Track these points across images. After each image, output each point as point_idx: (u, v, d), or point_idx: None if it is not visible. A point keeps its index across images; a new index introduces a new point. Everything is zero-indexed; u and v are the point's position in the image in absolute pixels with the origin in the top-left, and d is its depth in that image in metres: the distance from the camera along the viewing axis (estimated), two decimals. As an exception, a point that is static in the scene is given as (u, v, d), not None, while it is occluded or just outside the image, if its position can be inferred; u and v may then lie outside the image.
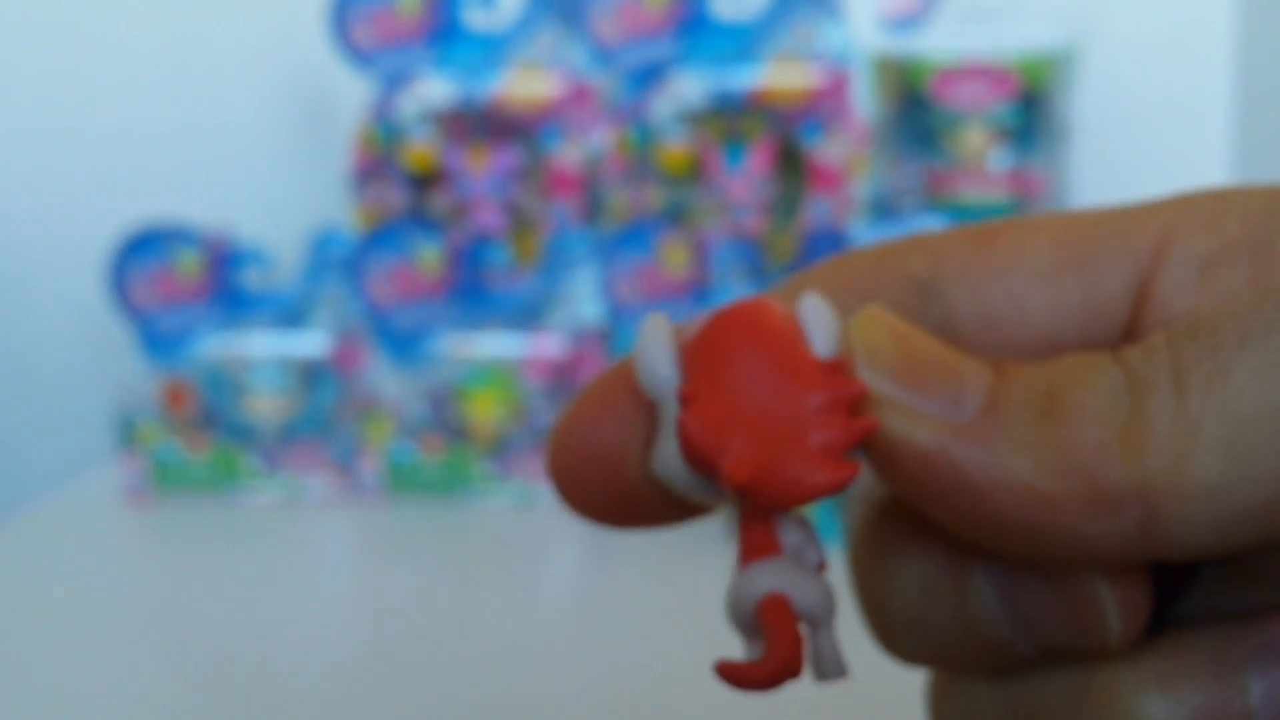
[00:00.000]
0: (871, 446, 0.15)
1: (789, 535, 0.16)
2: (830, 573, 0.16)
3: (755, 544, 0.15)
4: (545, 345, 0.71)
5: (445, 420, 0.71)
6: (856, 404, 0.15)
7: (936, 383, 0.14)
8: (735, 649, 0.16)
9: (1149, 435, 0.13)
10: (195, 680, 0.51)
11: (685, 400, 0.15)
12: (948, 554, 0.16)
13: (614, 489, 0.16)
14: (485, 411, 0.71)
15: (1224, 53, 0.84)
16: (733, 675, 0.15)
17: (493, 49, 0.78)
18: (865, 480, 0.17)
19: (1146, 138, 0.83)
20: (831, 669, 0.16)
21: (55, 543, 0.67)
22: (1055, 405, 0.14)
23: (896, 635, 0.17)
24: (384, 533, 0.68)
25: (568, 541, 0.68)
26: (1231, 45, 0.84)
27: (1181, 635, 0.16)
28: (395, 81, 0.77)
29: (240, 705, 0.49)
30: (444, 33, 0.77)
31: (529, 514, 0.69)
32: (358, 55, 0.77)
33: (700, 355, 0.15)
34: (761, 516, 0.15)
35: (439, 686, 0.50)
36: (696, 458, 0.15)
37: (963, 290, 0.17)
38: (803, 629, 0.15)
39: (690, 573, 0.61)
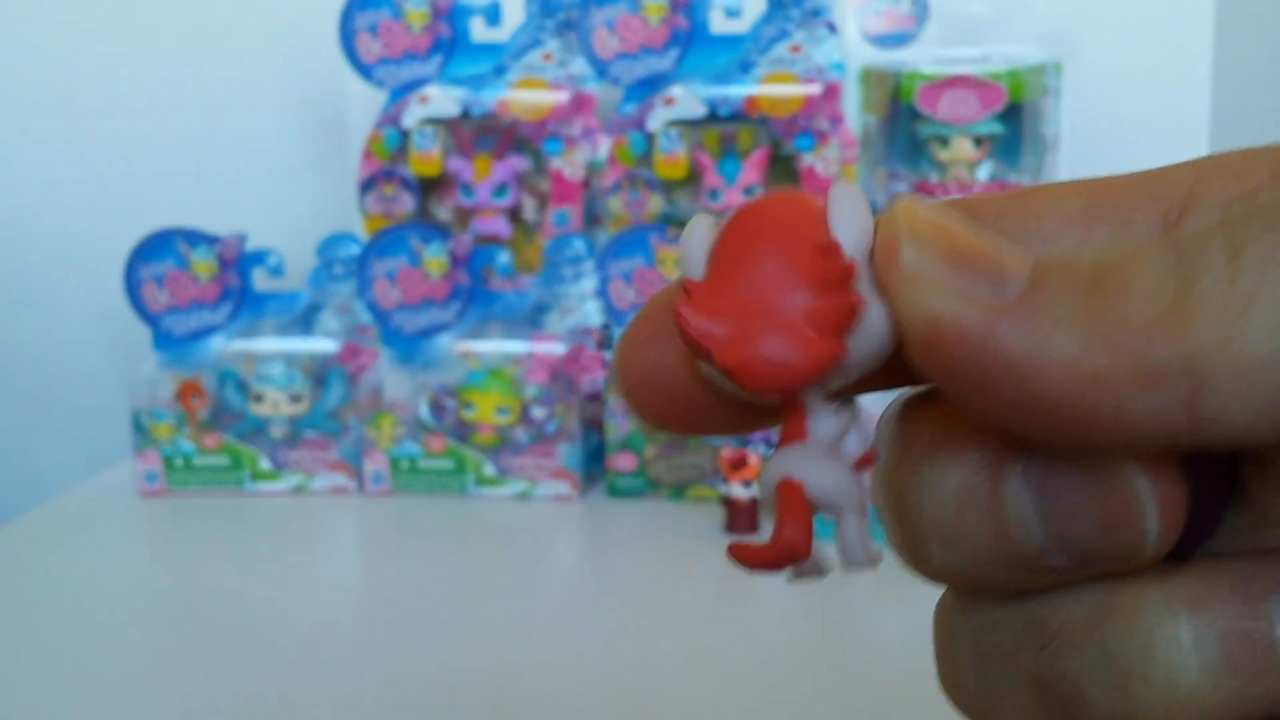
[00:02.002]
0: (914, 330, 0.14)
1: (823, 424, 0.15)
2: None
3: (788, 431, 0.15)
4: (546, 348, 0.73)
5: (448, 421, 0.73)
6: (846, 282, 0.14)
7: (979, 263, 0.14)
8: (728, 636, 0.17)
9: (1199, 310, 0.13)
10: (207, 662, 0.53)
11: (685, 291, 0.15)
12: (985, 459, 0.15)
13: (675, 398, 0.16)
14: (487, 412, 0.73)
15: (1204, 67, 0.87)
16: (739, 554, 0.15)
17: (497, 61, 0.80)
18: (897, 397, 0.17)
19: (1128, 149, 0.85)
20: (856, 558, 0.15)
21: (75, 533, 0.70)
22: (1102, 282, 0.14)
23: (925, 549, 0.16)
24: (389, 525, 0.70)
25: (567, 532, 0.70)
26: (1210, 59, 0.86)
27: (1210, 561, 0.16)
28: (403, 92, 0.80)
29: (250, 686, 0.51)
30: (450, 46, 0.79)
31: (529, 506, 0.71)
32: (367, 67, 0.79)
33: (721, 245, 0.15)
34: (796, 405, 0.15)
35: (439, 669, 0.52)
36: (691, 346, 0.15)
37: (997, 233, 0.16)
38: (828, 517, 0.15)
39: (686, 563, 0.63)
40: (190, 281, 0.74)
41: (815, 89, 0.76)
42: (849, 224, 0.15)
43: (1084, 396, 0.13)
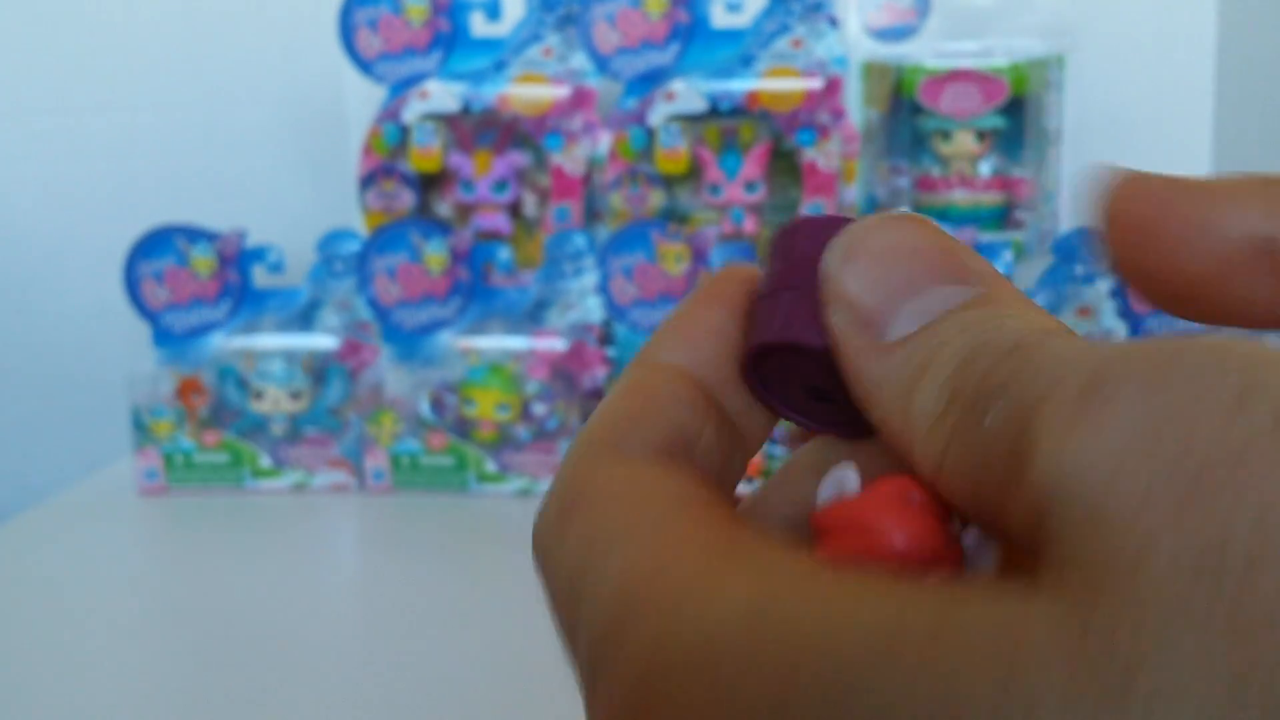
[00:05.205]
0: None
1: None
2: None
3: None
4: (547, 344, 0.73)
5: (448, 417, 0.73)
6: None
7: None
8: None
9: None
10: (207, 660, 0.53)
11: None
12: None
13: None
14: (488, 409, 0.73)
15: (1206, 59, 0.86)
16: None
17: (497, 56, 0.80)
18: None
19: (1131, 143, 0.85)
20: None
21: (75, 531, 0.69)
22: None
23: None
24: (389, 522, 0.70)
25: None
26: (1213, 52, 0.86)
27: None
28: (403, 88, 0.79)
29: (251, 683, 0.51)
30: (450, 41, 0.79)
31: (530, 503, 0.71)
32: (367, 63, 0.79)
33: None
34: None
35: (440, 666, 0.52)
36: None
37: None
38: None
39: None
40: (190, 278, 0.74)
41: (817, 83, 0.75)
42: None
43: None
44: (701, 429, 0.18)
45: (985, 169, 0.77)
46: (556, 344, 0.72)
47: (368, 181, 0.80)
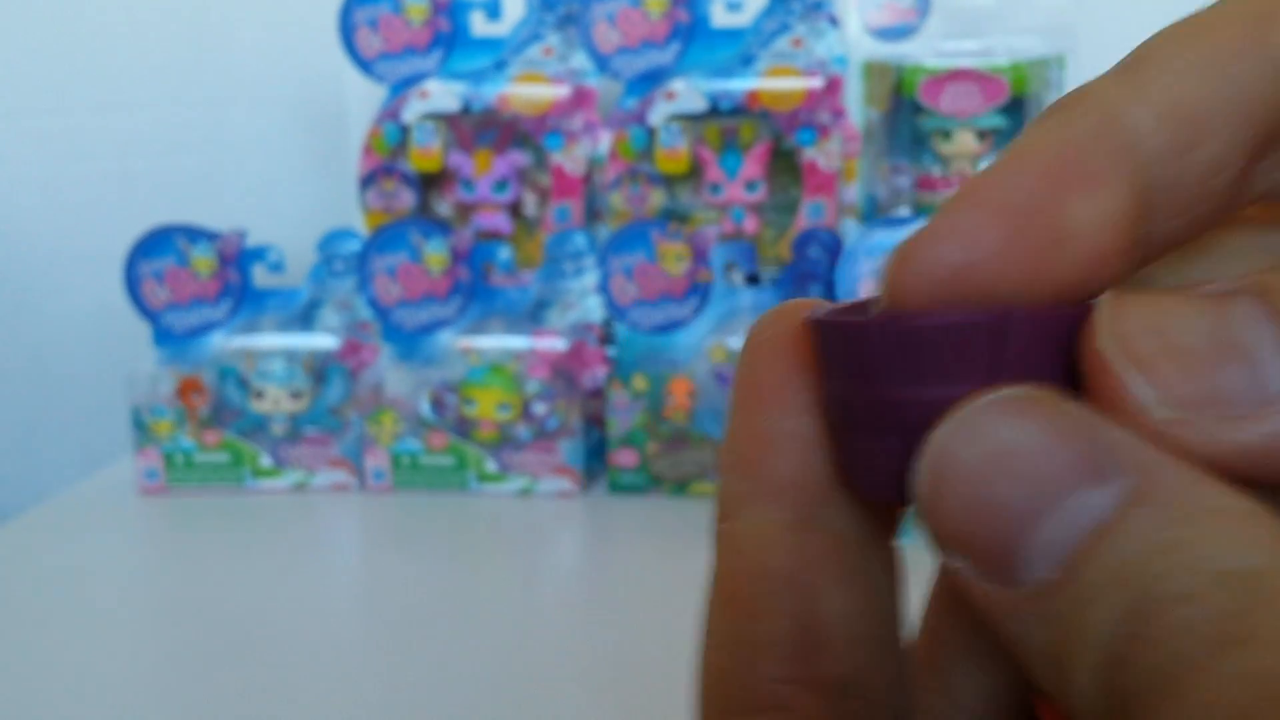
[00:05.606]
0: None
1: None
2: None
3: None
4: (547, 344, 0.73)
5: (449, 417, 0.73)
6: None
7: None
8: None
9: None
10: (208, 660, 0.53)
11: None
12: None
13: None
14: (488, 409, 0.73)
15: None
16: None
17: (497, 56, 0.80)
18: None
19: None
20: None
21: (75, 531, 0.69)
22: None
23: None
24: (390, 522, 0.70)
25: (568, 529, 0.70)
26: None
27: None
28: (403, 87, 0.79)
29: (251, 683, 0.50)
30: (450, 40, 0.79)
31: (530, 502, 0.71)
32: (367, 62, 0.79)
33: None
34: None
35: (440, 666, 0.52)
36: None
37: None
38: None
39: (688, 559, 0.63)
40: (190, 278, 0.74)
41: (817, 83, 0.75)
42: None
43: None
44: (826, 603, 0.15)
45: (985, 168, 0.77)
46: (557, 344, 0.72)
47: (368, 181, 0.80)
